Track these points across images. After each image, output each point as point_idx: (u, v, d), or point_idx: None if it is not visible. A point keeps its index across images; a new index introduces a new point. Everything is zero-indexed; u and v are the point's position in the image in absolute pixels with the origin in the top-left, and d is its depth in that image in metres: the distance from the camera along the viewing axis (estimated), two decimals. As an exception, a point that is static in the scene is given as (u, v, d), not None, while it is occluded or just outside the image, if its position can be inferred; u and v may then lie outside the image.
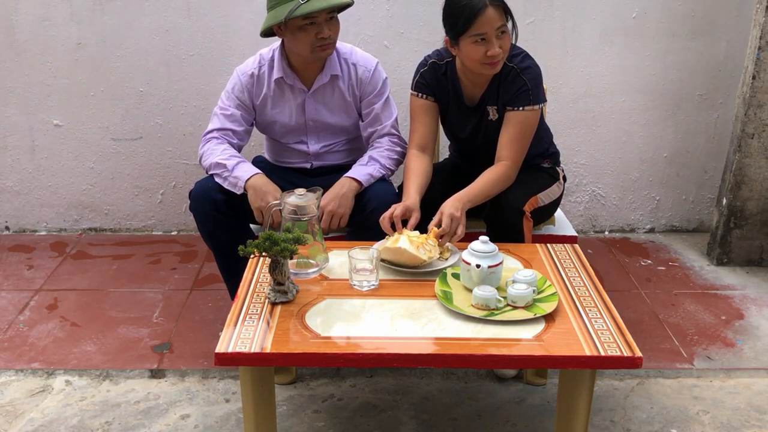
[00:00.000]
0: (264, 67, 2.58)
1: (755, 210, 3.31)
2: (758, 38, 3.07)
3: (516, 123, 2.44)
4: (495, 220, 2.42)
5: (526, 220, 2.41)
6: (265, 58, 2.59)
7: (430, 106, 2.56)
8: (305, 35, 2.42)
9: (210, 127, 2.61)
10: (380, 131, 2.63)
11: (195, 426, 2.32)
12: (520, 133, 2.45)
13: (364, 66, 2.60)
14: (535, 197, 2.49)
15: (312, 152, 2.68)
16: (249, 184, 2.43)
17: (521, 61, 2.44)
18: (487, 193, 2.39)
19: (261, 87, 2.59)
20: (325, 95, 2.60)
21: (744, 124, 3.19)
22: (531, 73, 2.43)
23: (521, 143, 2.46)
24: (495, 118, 2.51)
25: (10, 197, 3.61)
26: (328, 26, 2.43)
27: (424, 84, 2.54)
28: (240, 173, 2.45)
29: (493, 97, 2.48)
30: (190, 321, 2.88)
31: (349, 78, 2.59)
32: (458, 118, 2.58)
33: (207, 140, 2.58)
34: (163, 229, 3.68)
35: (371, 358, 1.78)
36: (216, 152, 2.52)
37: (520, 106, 2.43)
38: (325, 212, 2.40)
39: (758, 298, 3.10)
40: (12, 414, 2.36)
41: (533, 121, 2.46)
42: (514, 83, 2.42)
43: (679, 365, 2.63)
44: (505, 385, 2.51)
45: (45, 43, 3.35)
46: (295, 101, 2.60)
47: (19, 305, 2.98)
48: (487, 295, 1.91)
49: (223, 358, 1.77)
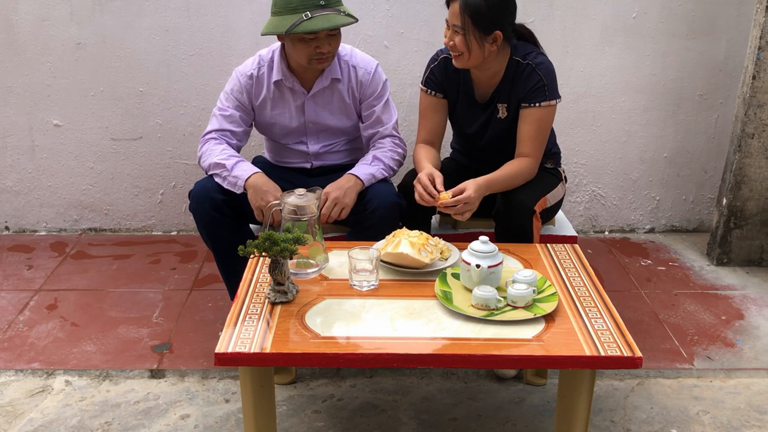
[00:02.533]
0: (263, 69, 2.57)
1: (755, 210, 3.30)
2: (758, 38, 3.07)
3: (534, 119, 2.44)
4: (506, 219, 2.41)
5: (536, 220, 2.41)
6: (265, 59, 2.58)
7: (438, 103, 2.57)
8: (305, 47, 2.41)
9: (209, 128, 2.60)
10: (382, 132, 2.63)
11: (195, 426, 2.32)
12: (538, 130, 2.45)
13: (365, 68, 2.60)
14: (544, 198, 2.50)
15: (312, 152, 2.68)
16: (249, 183, 2.43)
17: (534, 57, 2.44)
18: (508, 183, 2.40)
19: (260, 88, 2.58)
20: (325, 98, 2.59)
21: (744, 124, 3.19)
22: (546, 69, 2.43)
23: (540, 139, 2.47)
24: (504, 116, 2.51)
25: (10, 197, 3.60)
26: (329, 41, 2.41)
27: (434, 80, 2.54)
28: (239, 172, 2.45)
29: (504, 94, 2.48)
30: (190, 321, 2.88)
31: (349, 81, 2.59)
32: (467, 114, 2.58)
33: (205, 141, 2.58)
34: (163, 229, 3.68)
35: (371, 358, 1.78)
36: (214, 152, 2.52)
37: (537, 102, 2.43)
38: (330, 198, 2.39)
39: (758, 298, 3.10)
40: (12, 414, 2.36)
41: (550, 117, 2.47)
42: (530, 79, 2.42)
43: (679, 365, 2.63)
44: (505, 385, 2.51)
45: (45, 43, 3.35)
46: (294, 103, 2.60)
47: (19, 305, 2.98)
48: (487, 295, 1.91)
49: (223, 358, 1.77)
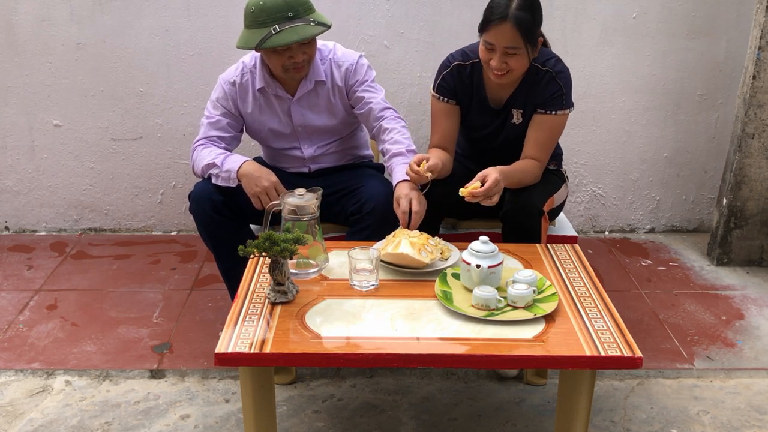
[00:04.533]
0: (246, 75, 2.55)
1: (755, 210, 3.30)
2: (758, 38, 3.07)
3: (547, 127, 2.44)
4: (515, 219, 2.40)
5: (544, 221, 2.41)
6: (248, 66, 2.56)
7: (451, 110, 2.54)
8: (278, 57, 2.39)
9: (198, 136, 2.59)
10: (375, 107, 2.54)
11: (195, 426, 2.32)
12: (549, 137, 2.45)
13: (348, 61, 2.56)
14: (551, 198, 2.50)
15: (307, 156, 2.66)
16: (241, 173, 2.42)
17: (555, 64, 2.42)
18: (519, 180, 2.39)
19: (245, 95, 2.56)
20: (310, 100, 2.57)
21: (744, 124, 3.19)
22: (565, 78, 2.42)
23: (549, 146, 2.47)
24: (519, 122, 2.49)
25: (10, 197, 3.60)
26: (303, 49, 2.39)
27: (446, 87, 2.51)
28: (230, 165, 2.45)
29: (520, 100, 2.47)
30: (190, 321, 2.88)
31: (332, 79, 2.56)
32: (480, 119, 2.55)
33: (194, 149, 2.57)
34: (163, 229, 3.68)
35: (371, 358, 1.78)
36: (203, 156, 2.51)
37: (553, 110, 2.42)
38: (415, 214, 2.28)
39: (758, 298, 3.10)
40: (12, 414, 2.36)
41: (562, 125, 2.47)
42: (549, 87, 2.41)
43: (679, 365, 2.63)
44: (505, 385, 2.51)
45: (45, 43, 3.35)
46: (281, 108, 2.58)
47: (19, 305, 2.98)
48: (487, 295, 1.90)
49: (223, 359, 1.77)
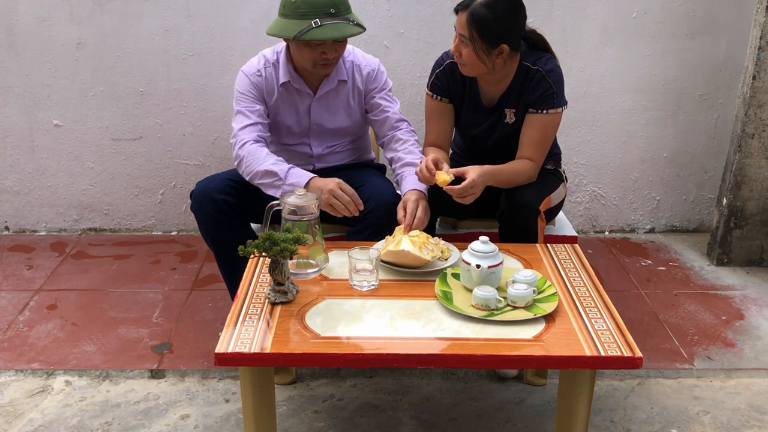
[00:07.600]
0: (269, 69, 2.53)
1: (755, 210, 3.30)
2: (758, 38, 3.07)
3: (540, 126, 2.44)
4: (511, 219, 2.40)
5: (540, 221, 2.41)
6: (269, 60, 2.54)
7: (444, 108, 2.56)
8: (310, 51, 2.38)
9: (238, 125, 2.49)
10: (391, 117, 2.58)
11: (195, 426, 2.32)
12: (542, 136, 2.45)
13: (369, 66, 2.59)
14: (548, 198, 2.49)
15: (315, 155, 2.66)
16: (310, 189, 2.33)
17: (545, 63, 2.42)
18: (510, 179, 2.40)
19: (270, 87, 2.54)
20: (329, 99, 2.58)
21: (744, 124, 3.19)
22: (556, 76, 2.42)
23: (544, 145, 2.47)
24: (512, 121, 2.50)
25: (10, 197, 3.60)
26: (336, 47, 2.39)
27: (439, 85, 2.53)
28: (294, 180, 2.36)
29: (513, 99, 2.47)
30: (190, 321, 2.88)
31: (353, 81, 2.58)
32: (473, 118, 2.56)
33: (242, 142, 2.45)
34: (163, 229, 3.68)
35: (371, 358, 1.78)
36: (261, 158, 2.41)
37: (545, 109, 2.42)
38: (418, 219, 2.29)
39: (758, 298, 3.10)
40: (12, 414, 2.36)
41: (556, 124, 2.47)
42: (540, 86, 2.41)
43: (679, 365, 2.63)
44: (505, 385, 2.51)
45: (45, 43, 3.35)
46: (301, 105, 2.58)
47: (19, 305, 2.98)
48: (487, 295, 1.90)
49: (223, 359, 1.77)
